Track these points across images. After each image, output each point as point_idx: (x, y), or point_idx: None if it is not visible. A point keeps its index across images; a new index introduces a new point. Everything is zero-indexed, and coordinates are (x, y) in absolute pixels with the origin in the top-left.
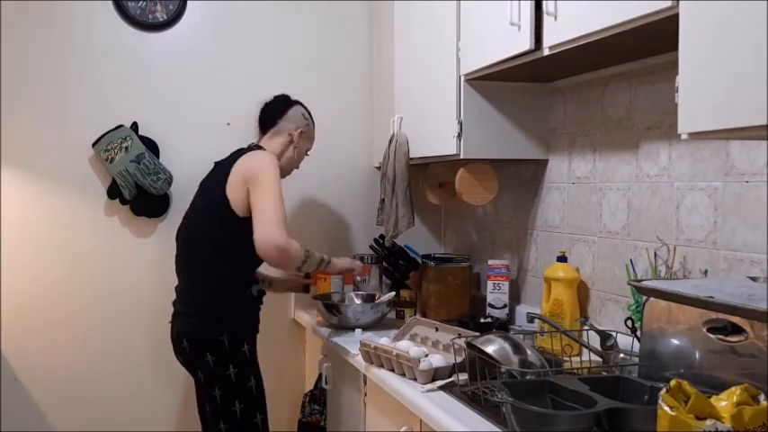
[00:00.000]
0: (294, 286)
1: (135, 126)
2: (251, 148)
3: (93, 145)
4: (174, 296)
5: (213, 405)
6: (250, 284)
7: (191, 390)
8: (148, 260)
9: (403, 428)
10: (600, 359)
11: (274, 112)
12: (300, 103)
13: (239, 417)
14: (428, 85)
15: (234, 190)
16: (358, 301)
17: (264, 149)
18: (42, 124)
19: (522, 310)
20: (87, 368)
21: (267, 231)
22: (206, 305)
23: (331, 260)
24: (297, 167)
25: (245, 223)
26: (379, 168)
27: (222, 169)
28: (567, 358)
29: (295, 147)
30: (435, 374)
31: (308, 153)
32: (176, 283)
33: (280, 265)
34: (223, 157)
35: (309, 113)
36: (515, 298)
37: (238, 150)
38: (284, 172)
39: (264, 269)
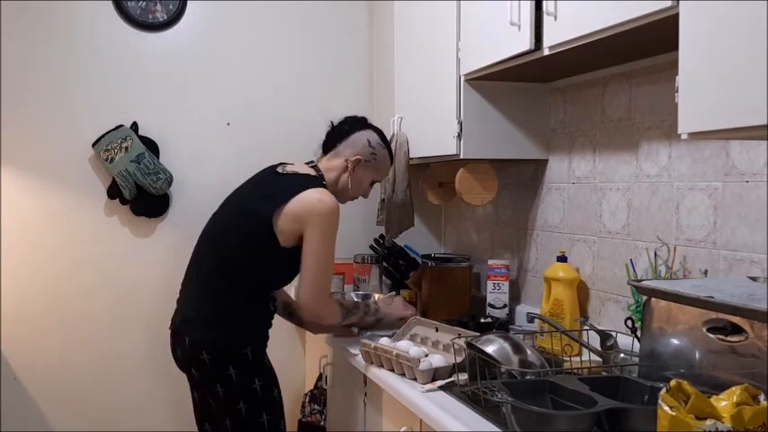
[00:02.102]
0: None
1: (135, 126)
2: (315, 178)
3: (93, 145)
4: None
5: (238, 419)
6: (271, 300)
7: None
8: (148, 260)
9: (403, 428)
10: (600, 359)
11: (339, 133)
12: (374, 129)
13: (267, 427)
14: (428, 85)
15: (284, 219)
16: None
17: (321, 173)
18: (42, 124)
19: (522, 310)
20: (87, 368)
21: (313, 295)
22: (223, 313)
23: (379, 308)
24: (353, 198)
25: (288, 253)
26: None
27: (282, 189)
28: (567, 358)
29: (350, 174)
30: (435, 374)
31: (373, 184)
32: (179, 282)
33: (312, 330)
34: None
35: (384, 141)
36: (515, 298)
37: (304, 176)
38: (338, 197)
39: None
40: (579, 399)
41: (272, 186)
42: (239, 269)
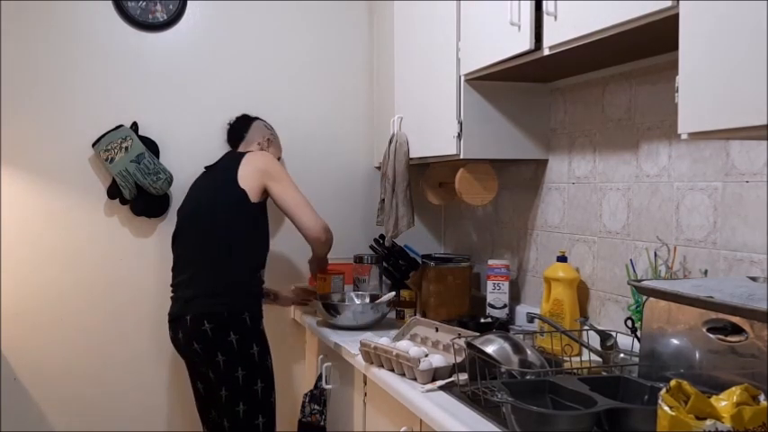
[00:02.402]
0: (297, 300)
1: (135, 126)
2: (236, 151)
3: (93, 145)
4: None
5: (235, 386)
6: (261, 266)
7: (188, 389)
8: (148, 260)
9: (403, 428)
10: (600, 359)
11: (240, 129)
12: (260, 119)
13: (260, 395)
14: (428, 85)
15: (247, 180)
16: (358, 301)
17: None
18: (42, 124)
19: (522, 310)
20: (87, 368)
21: (311, 220)
22: (229, 286)
23: None
24: None
25: (259, 208)
26: (379, 168)
27: (225, 166)
28: (567, 358)
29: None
30: (435, 374)
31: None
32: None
33: (327, 247)
34: (219, 156)
35: (269, 125)
36: (515, 298)
37: (230, 153)
38: None
39: (271, 284)
40: (579, 399)
41: (215, 170)
42: (225, 237)
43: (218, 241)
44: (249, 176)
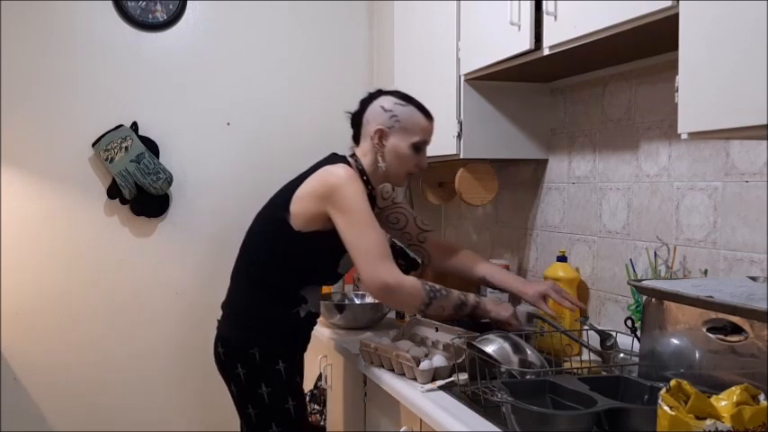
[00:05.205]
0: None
1: (135, 126)
2: (335, 155)
3: (93, 145)
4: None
5: (248, 424)
6: (298, 303)
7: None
8: (148, 260)
9: (403, 428)
10: (600, 359)
11: (356, 117)
12: (388, 92)
13: None
14: (428, 85)
15: (302, 200)
16: (358, 301)
17: (356, 160)
18: (42, 124)
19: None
20: (87, 368)
21: (371, 268)
22: (243, 311)
23: (480, 302)
24: (407, 173)
25: (304, 239)
26: None
27: (303, 174)
28: (567, 358)
29: (378, 150)
30: (435, 374)
31: (419, 148)
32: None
33: (395, 306)
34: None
35: (404, 99)
36: (515, 298)
37: (327, 156)
38: (390, 179)
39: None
40: (579, 399)
41: (293, 180)
42: (256, 262)
43: (246, 261)
44: (305, 198)
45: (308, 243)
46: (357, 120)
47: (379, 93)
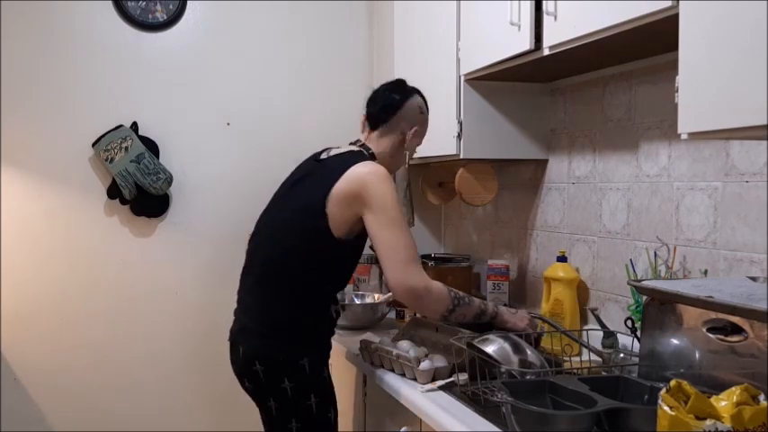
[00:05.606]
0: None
1: (135, 126)
2: (360, 152)
3: (93, 145)
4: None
5: None
6: (331, 304)
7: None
8: (148, 260)
9: (403, 428)
10: (600, 359)
11: (390, 105)
12: (417, 92)
13: None
14: (428, 85)
15: (337, 205)
16: (358, 301)
17: (371, 151)
18: (42, 124)
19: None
20: (87, 368)
21: (399, 271)
22: (286, 326)
23: (498, 312)
24: (397, 169)
25: (347, 245)
26: None
27: (327, 174)
28: (567, 358)
29: (406, 148)
30: (435, 374)
31: (417, 150)
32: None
33: (420, 311)
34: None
35: (426, 102)
36: (515, 298)
37: (348, 153)
38: (392, 171)
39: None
40: (579, 399)
41: (316, 174)
42: (294, 273)
43: (280, 272)
44: (341, 201)
45: (350, 249)
46: (392, 110)
47: (412, 89)
